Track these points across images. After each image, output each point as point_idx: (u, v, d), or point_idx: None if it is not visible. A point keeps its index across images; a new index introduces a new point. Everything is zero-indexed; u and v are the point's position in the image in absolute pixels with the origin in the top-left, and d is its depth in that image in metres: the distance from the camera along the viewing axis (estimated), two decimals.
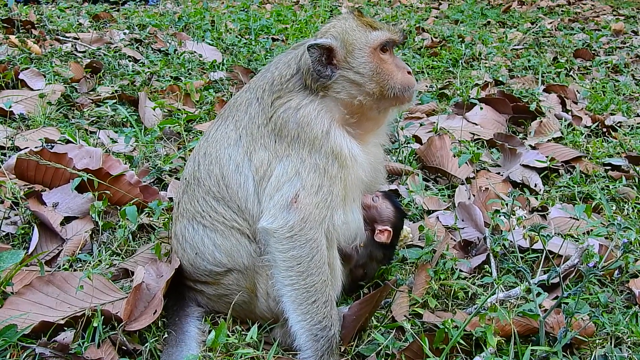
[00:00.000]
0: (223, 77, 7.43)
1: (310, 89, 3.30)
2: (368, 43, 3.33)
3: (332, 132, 3.24)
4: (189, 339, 3.24)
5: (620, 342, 3.24)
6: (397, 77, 3.35)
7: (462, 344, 3.10)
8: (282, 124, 3.26)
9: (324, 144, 3.21)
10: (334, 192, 3.21)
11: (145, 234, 4.23)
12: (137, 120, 5.90)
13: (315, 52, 3.25)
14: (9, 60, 6.69)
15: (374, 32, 3.36)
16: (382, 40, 3.35)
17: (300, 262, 3.11)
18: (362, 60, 3.32)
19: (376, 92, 3.32)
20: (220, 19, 10.42)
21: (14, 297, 3.23)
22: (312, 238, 3.12)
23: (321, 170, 3.19)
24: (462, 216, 4.49)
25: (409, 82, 3.39)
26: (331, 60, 3.30)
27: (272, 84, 3.38)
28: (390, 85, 3.33)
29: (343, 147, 3.25)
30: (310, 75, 3.28)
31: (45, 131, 5.24)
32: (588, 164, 5.51)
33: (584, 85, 8.15)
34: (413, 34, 10.61)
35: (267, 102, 3.34)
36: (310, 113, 3.25)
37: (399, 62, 3.43)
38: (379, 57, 3.35)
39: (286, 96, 3.31)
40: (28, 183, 4.42)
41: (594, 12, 14.04)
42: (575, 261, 3.71)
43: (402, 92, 3.36)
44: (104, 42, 8.15)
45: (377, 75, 3.31)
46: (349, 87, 3.30)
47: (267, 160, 3.26)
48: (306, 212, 3.12)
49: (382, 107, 3.42)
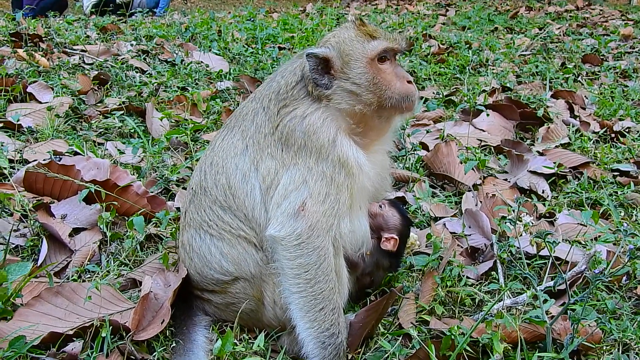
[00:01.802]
0: (230, 87, 7.47)
1: (314, 97, 3.32)
2: (365, 53, 3.33)
3: (338, 141, 3.25)
4: (197, 348, 3.25)
5: (628, 349, 3.22)
6: (395, 87, 3.35)
7: (469, 350, 3.09)
8: (288, 132, 3.27)
9: (331, 153, 3.22)
10: (340, 200, 3.21)
11: (153, 244, 4.25)
12: (144, 131, 5.93)
13: (312, 61, 3.29)
14: (17, 74, 6.75)
15: (371, 42, 3.35)
16: (379, 50, 3.34)
17: (308, 269, 3.12)
18: (358, 71, 3.32)
19: (374, 102, 3.32)
20: (227, 28, 10.48)
21: (23, 309, 3.25)
22: (319, 246, 3.12)
23: (328, 178, 3.20)
24: (469, 223, 4.49)
25: (407, 91, 3.38)
26: (329, 70, 3.31)
27: (278, 92, 3.39)
28: (387, 95, 3.33)
29: (349, 156, 3.26)
30: (310, 82, 3.31)
31: (53, 143, 5.28)
32: (596, 169, 5.49)
33: (592, 90, 8.13)
34: (420, 41, 10.62)
35: (273, 111, 3.35)
36: (316, 122, 3.26)
37: (399, 72, 3.42)
38: (376, 68, 3.34)
39: (292, 104, 3.33)
40: (37, 195, 4.46)
41: (603, 17, 14.02)
42: (582, 267, 3.69)
43: (400, 102, 3.36)
44: (111, 53, 8.22)
45: (374, 85, 3.31)
46: (347, 97, 3.31)
47: (274, 169, 3.27)
48: (313, 220, 3.13)
49: (384, 117, 3.42)
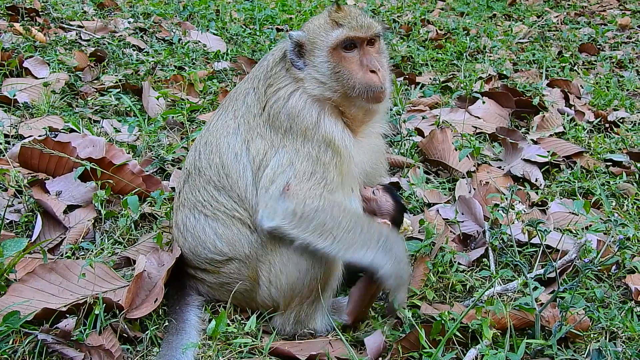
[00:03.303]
0: (227, 67, 7.44)
1: (293, 77, 3.34)
2: (327, 42, 3.30)
3: (322, 122, 3.27)
4: (189, 328, 3.28)
5: (615, 337, 3.27)
6: (357, 78, 3.28)
7: (459, 336, 3.13)
8: (274, 115, 3.30)
9: (315, 133, 3.25)
10: (327, 178, 3.24)
11: (147, 223, 4.26)
12: (140, 109, 5.92)
13: (290, 43, 3.33)
14: (14, 48, 6.69)
15: (334, 31, 3.30)
16: (340, 39, 3.29)
17: (324, 224, 3.13)
18: (320, 60, 3.32)
19: (340, 91, 3.30)
20: (225, 8, 10.41)
21: (17, 284, 3.27)
22: (317, 205, 3.14)
23: (314, 158, 3.23)
24: (462, 210, 4.52)
25: (368, 82, 3.28)
26: (303, 54, 3.33)
27: (266, 72, 3.43)
28: (350, 85, 3.28)
29: (335, 135, 3.28)
30: (288, 62, 3.35)
31: (49, 120, 5.27)
32: (589, 159, 5.52)
33: (587, 80, 8.14)
34: (418, 26, 10.58)
35: (261, 91, 3.39)
36: (297, 103, 3.29)
37: (366, 60, 3.32)
38: (339, 57, 3.31)
39: (275, 84, 3.35)
40: (32, 171, 4.46)
41: (601, 6, 13.97)
42: (572, 256, 3.73)
43: (363, 92, 3.28)
44: (108, 30, 8.15)
45: (336, 75, 3.29)
46: (316, 83, 3.32)
47: (263, 150, 3.30)
48: (300, 195, 3.15)
49: (357, 105, 3.37)
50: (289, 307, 3.34)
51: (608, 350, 3.06)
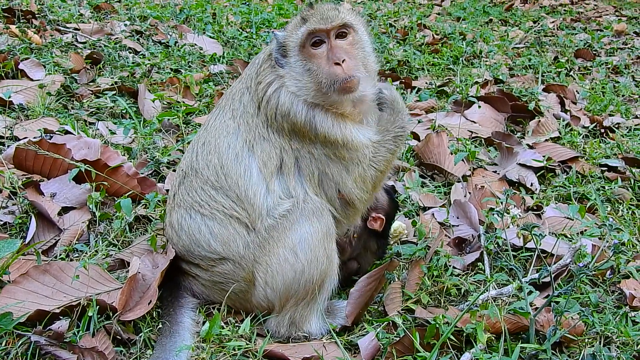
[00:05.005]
0: (223, 70, 7.44)
1: (277, 74, 3.36)
2: (295, 41, 3.31)
3: (315, 118, 3.29)
4: (183, 330, 3.27)
5: (610, 342, 3.27)
6: (323, 72, 3.24)
7: (453, 340, 3.13)
8: (270, 115, 3.32)
9: (310, 131, 3.29)
10: (328, 173, 3.34)
11: (141, 226, 4.25)
12: (136, 112, 5.91)
13: (275, 41, 3.37)
14: (9, 50, 6.68)
15: (301, 28, 3.29)
16: (304, 36, 3.27)
17: None
18: (294, 59, 3.33)
19: (314, 88, 3.28)
20: (221, 11, 10.41)
21: (11, 286, 3.26)
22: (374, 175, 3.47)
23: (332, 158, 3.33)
24: (457, 214, 4.52)
25: (332, 75, 3.21)
26: (286, 54, 3.35)
27: (257, 70, 3.44)
28: (319, 80, 3.25)
29: (330, 129, 3.30)
30: (273, 59, 3.37)
31: (44, 121, 5.25)
32: (584, 164, 5.53)
33: (583, 85, 8.17)
34: (415, 31, 10.61)
35: (253, 89, 3.40)
36: (286, 101, 3.30)
37: (332, 54, 3.24)
38: (308, 54, 3.29)
39: (264, 80, 3.37)
40: (26, 173, 4.44)
41: (597, 12, 14.03)
42: (567, 261, 3.73)
43: (330, 85, 3.22)
44: (104, 33, 8.14)
45: (308, 72, 3.28)
46: (294, 82, 3.31)
47: (268, 151, 3.32)
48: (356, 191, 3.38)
49: (332, 99, 3.29)
50: (284, 309, 3.34)
51: (602, 355, 3.05)
